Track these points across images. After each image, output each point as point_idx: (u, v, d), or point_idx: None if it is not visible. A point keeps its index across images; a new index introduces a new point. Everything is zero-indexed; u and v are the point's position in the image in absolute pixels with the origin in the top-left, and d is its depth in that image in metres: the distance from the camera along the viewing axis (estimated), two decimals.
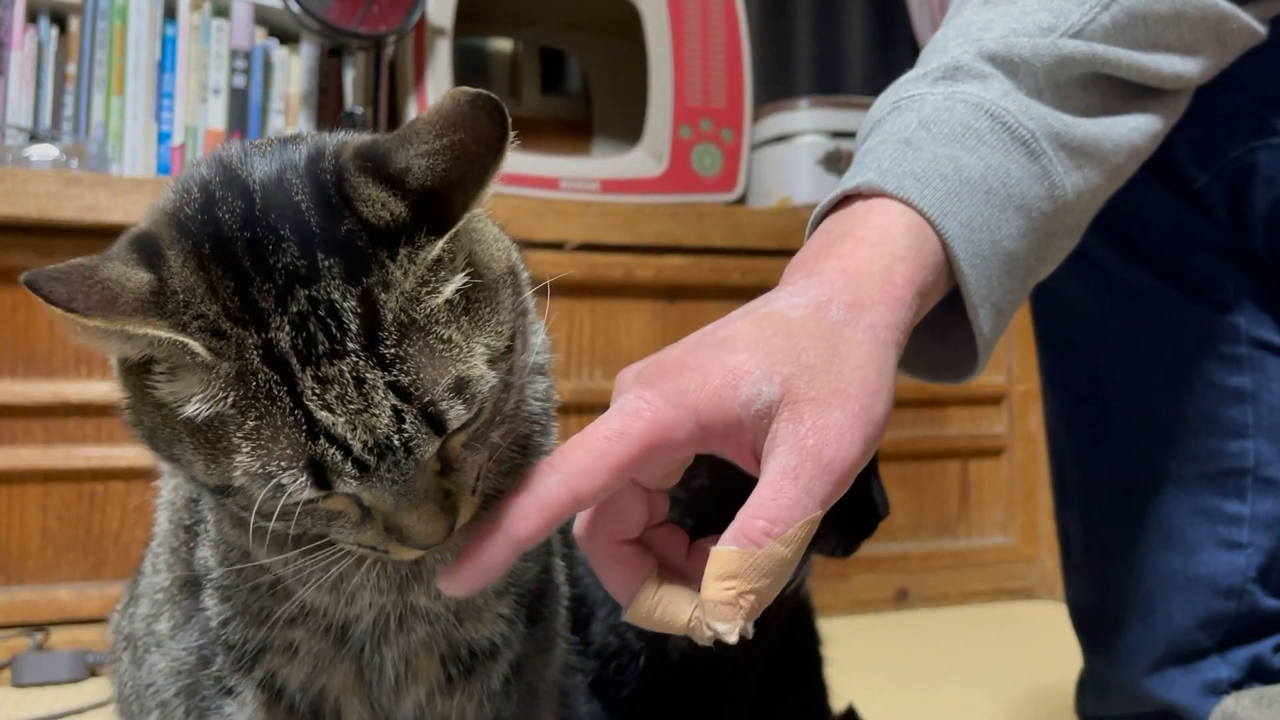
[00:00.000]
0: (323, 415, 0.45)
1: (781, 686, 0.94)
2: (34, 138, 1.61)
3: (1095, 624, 0.95)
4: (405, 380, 0.45)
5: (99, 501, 1.51)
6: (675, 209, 1.77)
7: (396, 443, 0.46)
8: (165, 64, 1.71)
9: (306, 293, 0.45)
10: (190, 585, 0.68)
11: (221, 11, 1.74)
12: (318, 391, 0.45)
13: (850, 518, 0.84)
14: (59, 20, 1.70)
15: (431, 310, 0.47)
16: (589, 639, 0.83)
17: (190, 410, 0.46)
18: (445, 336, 0.47)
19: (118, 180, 1.52)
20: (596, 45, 2.12)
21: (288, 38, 1.81)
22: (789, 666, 0.94)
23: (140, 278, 0.46)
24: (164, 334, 0.45)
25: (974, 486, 1.98)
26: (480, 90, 0.46)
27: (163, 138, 1.70)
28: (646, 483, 0.53)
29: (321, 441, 0.45)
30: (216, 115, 1.73)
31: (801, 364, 0.49)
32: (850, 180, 0.60)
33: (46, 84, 1.67)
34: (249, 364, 0.45)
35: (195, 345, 0.45)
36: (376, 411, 0.45)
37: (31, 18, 1.67)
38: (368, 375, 0.45)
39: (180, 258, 0.46)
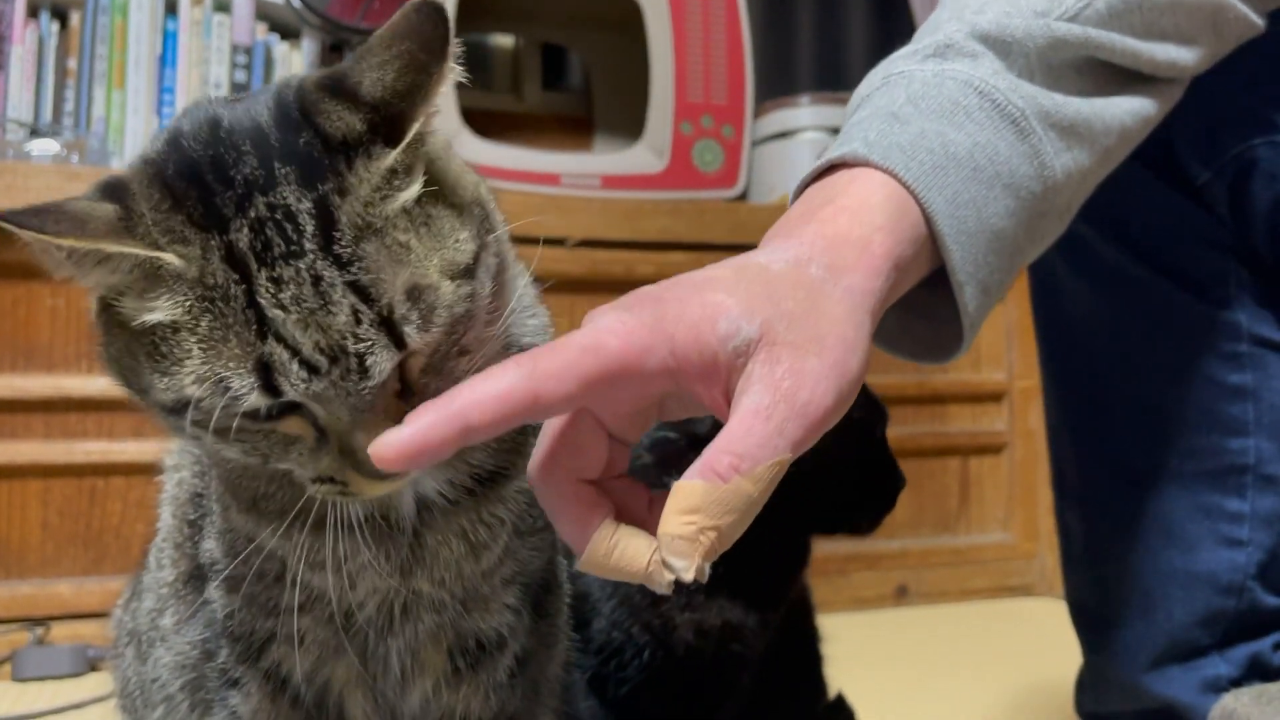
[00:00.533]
0: (274, 313, 0.46)
1: (780, 683, 0.94)
2: (35, 132, 1.61)
3: (1095, 621, 0.95)
4: (364, 279, 0.46)
5: (99, 496, 1.51)
6: (676, 205, 1.77)
7: (350, 348, 0.46)
8: (166, 59, 1.71)
9: (265, 199, 0.47)
10: (194, 580, 0.68)
11: (223, 7, 1.74)
12: (272, 291, 0.46)
13: (878, 490, 0.85)
14: (60, 15, 1.70)
15: (388, 215, 0.47)
16: (590, 636, 0.83)
17: (152, 317, 0.47)
18: (402, 241, 0.48)
19: None
20: (598, 41, 2.12)
21: (289, 33, 1.81)
22: (788, 663, 0.94)
23: (105, 208, 0.48)
24: (140, 251, 0.47)
25: (974, 483, 1.98)
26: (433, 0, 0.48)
27: None
28: (609, 421, 0.51)
29: (270, 341, 0.46)
30: None
31: (781, 309, 0.49)
32: (835, 150, 0.60)
33: (47, 79, 1.67)
34: (210, 265, 0.47)
35: (167, 257, 0.47)
36: (334, 309, 0.46)
37: (33, 12, 1.67)
38: (324, 274, 0.46)
39: (144, 182, 0.48)
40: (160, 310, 0.47)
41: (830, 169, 0.60)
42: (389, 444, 0.45)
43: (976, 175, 0.59)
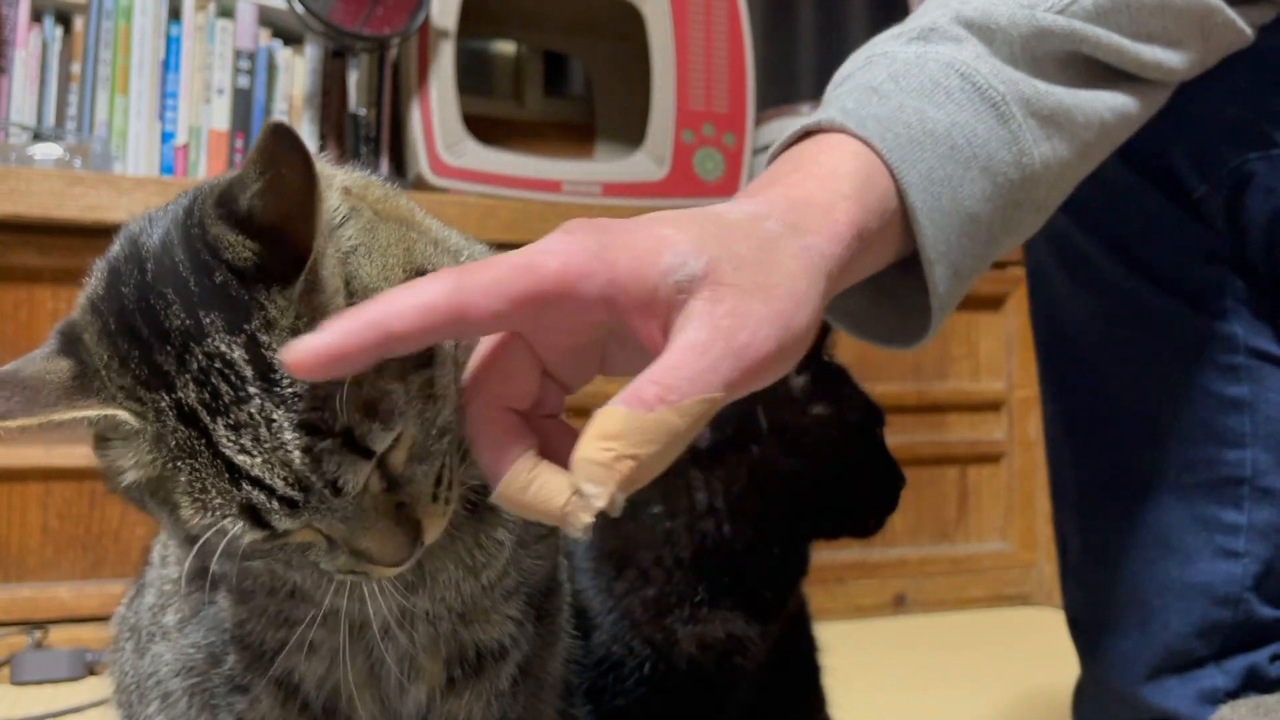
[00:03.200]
0: (241, 459, 0.47)
1: (778, 694, 0.94)
2: (38, 136, 1.62)
3: (1092, 631, 0.95)
4: (311, 416, 0.46)
5: (99, 500, 1.51)
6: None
7: (315, 479, 0.47)
8: (169, 64, 1.71)
9: (201, 349, 0.47)
10: (199, 578, 0.68)
11: (226, 12, 1.75)
12: (232, 438, 0.47)
13: (880, 490, 0.85)
14: (64, 19, 1.70)
15: None
16: (589, 649, 0.83)
17: (131, 476, 0.49)
18: None
19: (121, 179, 1.52)
20: (600, 48, 2.12)
21: (292, 39, 1.81)
22: (786, 674, 0.94)
23: (60, 366, 0.49)
24: (91, 412, 0.48)
25: (973, 492, 1.98)
26: (276, 121, 0.47)
27: (166, 137, 1.71)
28: (543, 351, 0.49)
29: (245, 485, 0.47)
30: (220, 115, 1.74)
31: (731, 251, 0.47)
32: (811, 117, 0.59)
33: (51, 83, 1.68)
34: (166, 425, 0.48)
35: (122, 414, 0.48)
36: (290, 448, 0.46)
37: (36, 16, 1.68)
38: (274, 415, 0.47)
39: (94, 337, 0.49)
40: (136, 469, 0.49)
41: (805, 136, 0.59)
42: (303, 350, 0.43)
43: (953, 154, 0.58)
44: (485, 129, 1.86)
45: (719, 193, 1.89)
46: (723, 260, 0.47)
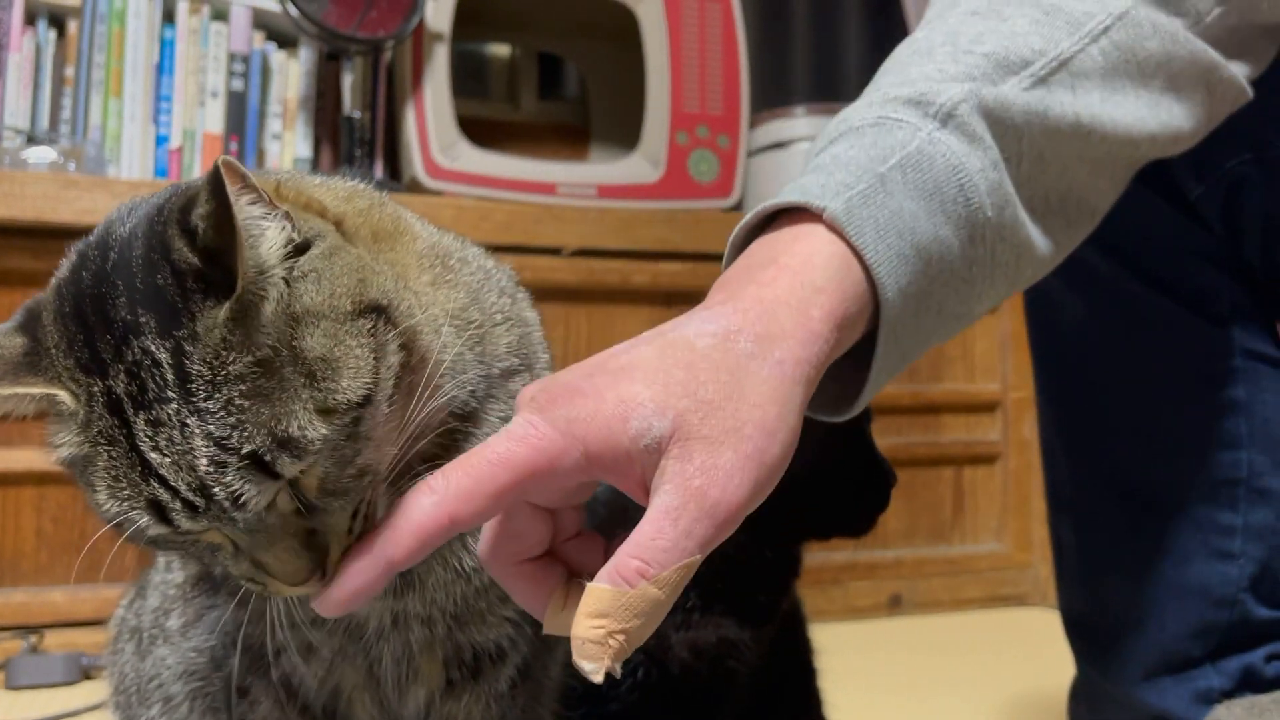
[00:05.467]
0: (152, 456, 0.48)
1: (774, 698, 0.94)
2: (31, 140, 1.61)
3: (1088, 632, 0.95)
4: (219, 432, 0.48)
5: None
6: (672, 215, 1.77)
7: (218, 490, 0.48)
8: (163, 67, 1.71)
9: (137, 343, 0.49)
10: (203, 582, 0.68)
11: (220, 15, 1.75)
12: (149, 434, 0.48)
13: (871, 489, 0.85)
14: (57, 22, 1.70)
15: (240, 369, 0.48)
16: None
17: (62, 453, 0.51)
18: (261, 390, 0.48)
19: (115, 183, 1.52)
20: (594, 51, 2.12)
21: (286, 42, 1.81)
22: (781, 677, 0.94)
23: (16, 342, 0.52)
24: (35, 390, 0.50)
25: (968, 493, 1.98)
26: (223, 159, 0.48)
27: (160, 140, 1.71)
28: (545, 504, 0.52)
29: (153, 482, 0.48)
30: (214, 118, 1.74)
31: (698, 399, 0.48)
32: (806, 194, 0.56)
33: (44, 86, 1.67)
34: (94, 410, 0.50)
35: (62, 394, 0.50)
36: (196, 456, 0.48)
37: (30, 20, 1.67)
38: (187, 421, 0.48)
39: (50, 317, 0.51)
40: (67, 446, 0.51)
41: (781, 211, 0.57)
42: (325, 603, 0.49)
43: (927, 270, 0.57)
44: (480, 132, 1.86)
45: (713, 194, 1.89)
46: (689, 413, 0.48)
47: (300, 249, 0.51)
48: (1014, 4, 0.65)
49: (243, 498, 0.48)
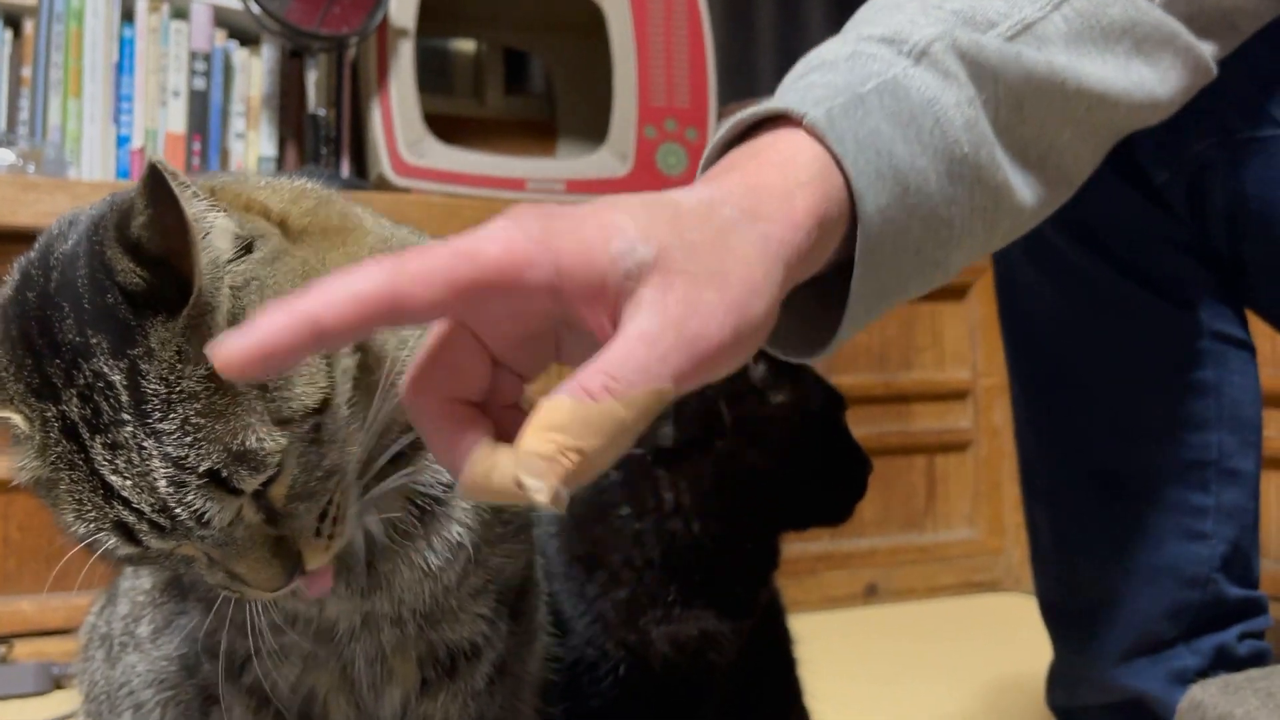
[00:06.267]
0: (114, 479, 0.48)
1: (754, 689, 0.94)
2: None
3: (1064, 617, 0.96)
4: (176, 452, 0.47)
5: None
6: None
7: (180, 510, 0.48)
8: (123, 66, 1.69)
9: (88, 366, 0.48)
10: (171, 588, 0.68)
11: (180, 13, 1.72)
12: (108, 458, 0.48)
13: (847, 477, 0.85)
14: (13, 22, 1.67)
15: (194, 385, 0.48)
16: (562, 653, 0.82)
17: (24, 476, 0.51)
18: (218, 408, 0.48)
19: (76, 185, 1.50)
20: (560, 45, 2.11)
21: (248, 39, 1.79)
22: (761, 668, 0.94)
23: None
24: None
25: (940, 481, 1.99)
26: (152, 161, 0.46)
27: (122, 141, 1.68)
28: (491, 341, 0.46)
29: (116, 505, 0.48)
30: (176, 118, 1.71)
31: (683, 239, 0.45)
32: (778, 101, 0.54)
33: (1, 87, 1.64)
34: (50, 435, 0.49)
35: (15, 419, 0.50)
36: (155, 477, 0.47)
37: None
38: (144, 443, 0.47)
39: (1, 340, 0.51)
40: (27, 470, 0.51)
41: (759, 122, 0.55)
42: (230, 349, 0.40)
43: (904, 199, 0.55)
44: (446, 128, 1.85)
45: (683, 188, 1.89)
46: (674, 247, 0.44)
47: (246, 247, 0.51)
48: None
49: (205, 515, 0.48)
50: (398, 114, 1.75)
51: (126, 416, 0.47)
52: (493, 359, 0.47)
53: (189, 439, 0.47)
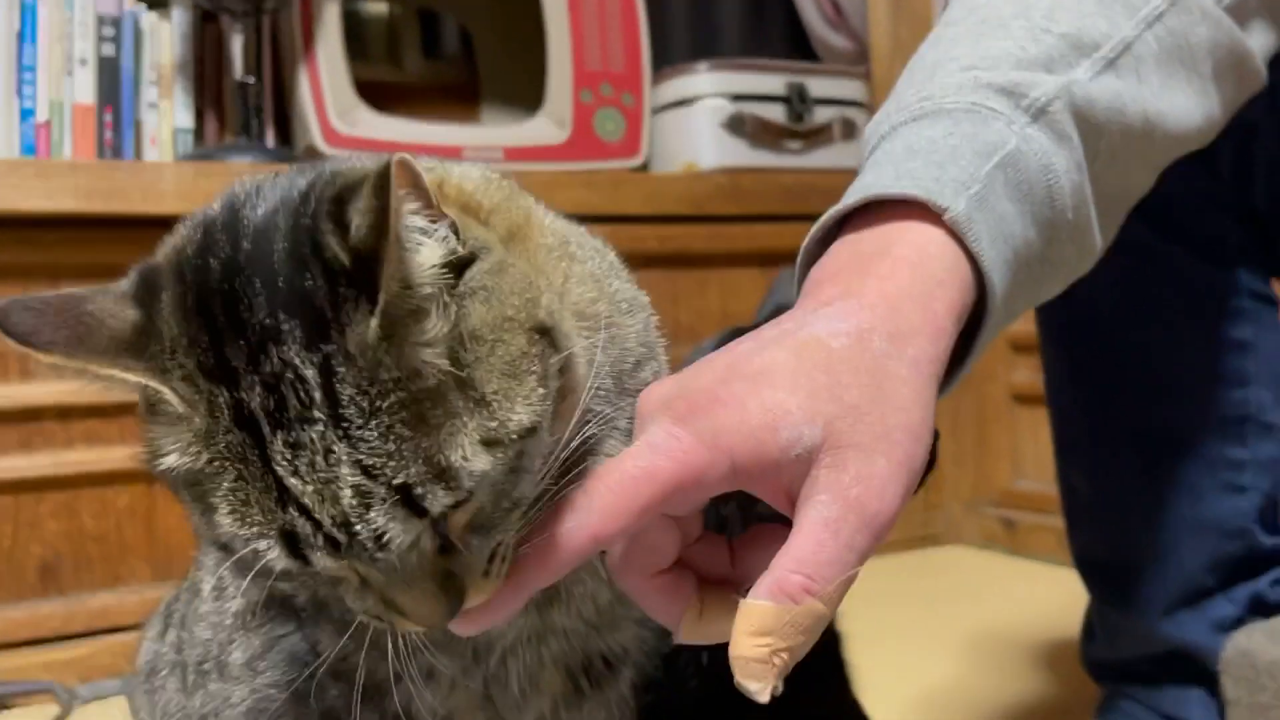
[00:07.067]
0: (292, 482, 0.43)
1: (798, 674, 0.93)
2: None
3: (1106, 573, 0.98)
4: (369, 461, 0.43)
5: None
6: (590, 177, 1.73)
7: (360, 527, 0.43)
8: (25, 34, 1.54)
9: (279, 352, 0.43)
10: (266, 609, 0.62)
11: None
12: (288, 457, 0.43)
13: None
14: None
15: (405, 388, 0.43)
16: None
17: (169, 461, 0.45)
18: (426, 415, 0.43)
19: None
20: (475, 5, 2.04)
21: (156, 2, 1.66)
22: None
23: (126, 315, 0.45)
24: (134, 377, 0.44)
25: None
26: (400, 156, 0.43)
27: (25, 115, 1.54)
28: (677, 514, 0.50)
29: (291, 510, 0.43)
30: (84, 88, 1.58)
31: (845, 404, 0.47)
32: (920, 188, 0.54)
33: None
34: (219, 422, 0.44)
35: (168, 394, 0.44)
36: (341, 486, 0.43)
37: None
38: (334, 446, 0.43)
39: (172, 302, 0.45)
40: (177, 454, 0.45)
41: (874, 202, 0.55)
42: (466, 625, 0.48)
43: (1017, 267, 0.57)
44: (364, 95, 1.76)
45: (621, 154, 1.85)
46: (838, 419, 0.46)
47: (463, 264, 0.46)
48: None
49: (386, 536, 0.43)
50: (327, 81, 1.66)
51: (318, 415, 0.42)
52: (678, 519, 0.50)
53: (390, 448, 0.42)
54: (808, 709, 0.93)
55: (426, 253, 0.44)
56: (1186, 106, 0.66)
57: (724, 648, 0.80)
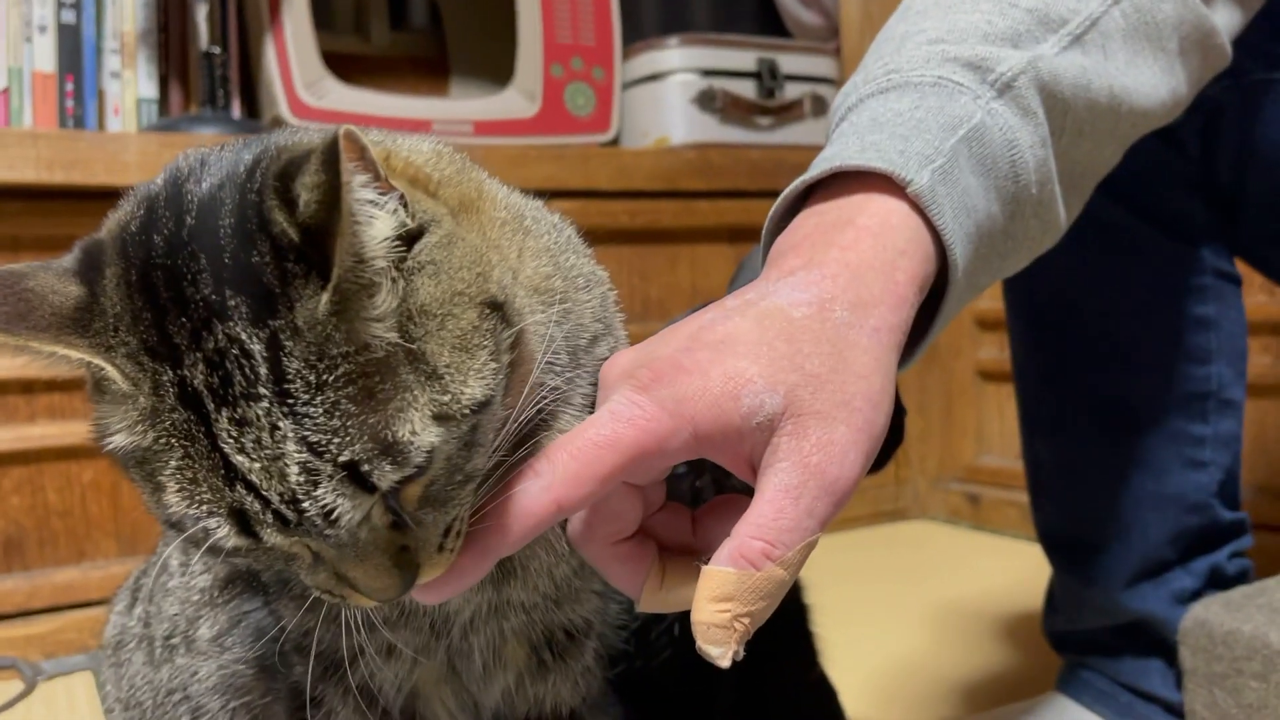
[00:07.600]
0: (239, 460, 0.43)
1: (769, 635, 0.94)
2: None
3: (1069, 546, 0.99)
4: (315, 438, 0.42)
5: None
6: (560, 152, 1.72)
7: (308, 504, 0.43)
8: None
9: (224, 328, 0.42)
10: (234, 585, 0.62)
11: None
12: (234, 434, 0.43)
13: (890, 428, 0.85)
14: None
15: (353, 363, 0.43)
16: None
17: (117, 440, 0.45)
18: (374, 390, 0.43)
19: None
20: None
21: None
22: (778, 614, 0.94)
23: (69, 292, 0.45)
24: (77, 354, 0.44)
25: None
26: (347, 128, 0.42)
27: None
28: (639, 482, 0.51)
29: (239, 488, 0.43)
30: (44, 55, 1.55)
31: (806, 372, 0.47)
32: (885, 160, 0.54)
33: None
34: (164, 401, 0.43)
35: (112, 371, 0.43)
36: (288, 463, 0.42)
37: None
38: (280, 423, 0.42)
39: (115, 278, 0.45)
40: (124, 434, 0.44)
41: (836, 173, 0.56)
42: (428, 594, 0.48)
43: (978, 237, 0.57)
44: (330, 66, 1.74)
45: (592, 129, 1.85)
46: (799, 387, 0.47)
47: (412, 236, 0.46)
48: None
49: (334, 512, 0.43)
50: (294, 52, 1.64)
51: (264, 392, 0.42)
52: (640, 488, 0.51)
53: (335, 424, 0.42)
54: (775, 680, 0.94)
55: (379, 226, 0.44)
56: (1153, 82, 0.66)
57: None
